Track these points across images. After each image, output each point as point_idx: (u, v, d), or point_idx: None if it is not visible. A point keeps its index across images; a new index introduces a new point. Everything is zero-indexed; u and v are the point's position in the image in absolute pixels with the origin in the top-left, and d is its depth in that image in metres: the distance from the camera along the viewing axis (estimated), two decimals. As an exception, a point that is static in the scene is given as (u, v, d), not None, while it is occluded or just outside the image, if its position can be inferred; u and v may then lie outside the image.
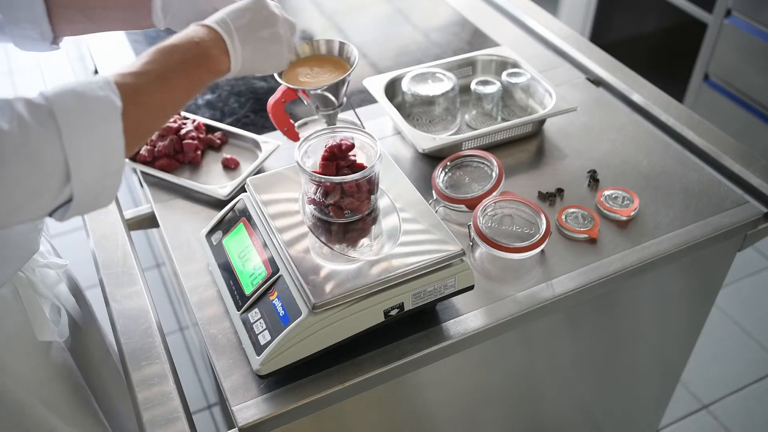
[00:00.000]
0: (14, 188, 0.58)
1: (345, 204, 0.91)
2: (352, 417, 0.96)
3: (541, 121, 1.27)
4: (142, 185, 1.21)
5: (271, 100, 1.12)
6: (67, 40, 1.00)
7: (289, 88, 1.11)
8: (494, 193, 1.07)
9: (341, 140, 0.93)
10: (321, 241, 0.91)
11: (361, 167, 0.93)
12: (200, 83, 0.75)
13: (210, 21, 0.78)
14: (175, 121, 1.22)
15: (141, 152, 1.18)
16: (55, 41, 0.94)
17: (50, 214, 0.65)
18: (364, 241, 0.91)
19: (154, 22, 0.91)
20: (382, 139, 1.27)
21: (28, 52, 0.96)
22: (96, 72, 1.52)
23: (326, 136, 0.96)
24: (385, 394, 0.95)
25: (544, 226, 1.01)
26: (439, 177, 1.12)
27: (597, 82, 1.44)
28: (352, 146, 0.94)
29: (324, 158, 0.93)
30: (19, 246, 0.86)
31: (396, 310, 0.87)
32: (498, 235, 1.01)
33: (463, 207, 1.08)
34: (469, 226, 1.03)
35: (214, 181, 1.16)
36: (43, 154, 0.59)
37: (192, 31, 0.76)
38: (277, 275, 0.89)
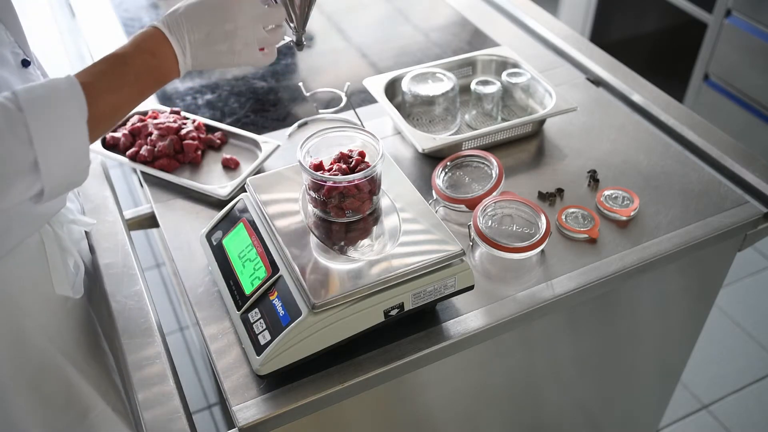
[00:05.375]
0: None
1: (346, 204, 0.91)
2: (352, 417, 0.96)
3: (541, 121, 1.27)
4: (142, 185, 1.21)
5: None
6: (67, 39, 1.01)
7: None
8: (494, 193, 1.07)
9: (350, 150, 0.95)
10: (321, 241, 0.91)
11: (363, 167, 0.93)
12: (150, 92, 0.82)
13: (167, 30, 0.81)
14: (175, 121, 1.22)
15: (141, 152, 1.18)
16: None
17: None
18: (364, 241, 0.91)
19: None
20: (382, 139, 1.27)
21: None
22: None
23: (329, 136, 0.96)
24: (385, 394, 0.95)
25: (544, 226, 1.01)
26: (439, 177, 1.12)
27: (597, 82, 1.44)
28: (362, 154, 0.95)
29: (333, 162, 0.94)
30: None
31: (396, 310, 0.87)
32: (498, 235, 1.01)
33: (463, 207, 1.08)
34: (469, 226, 1.03)
35: (214, 181, 1.16)
36: (15, 156, 0.68)
37: (147, 39, 0.80)
38: (277, 275, 0.89)
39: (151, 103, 1.32)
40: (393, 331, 0.92)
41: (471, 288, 0.92)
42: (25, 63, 0.84)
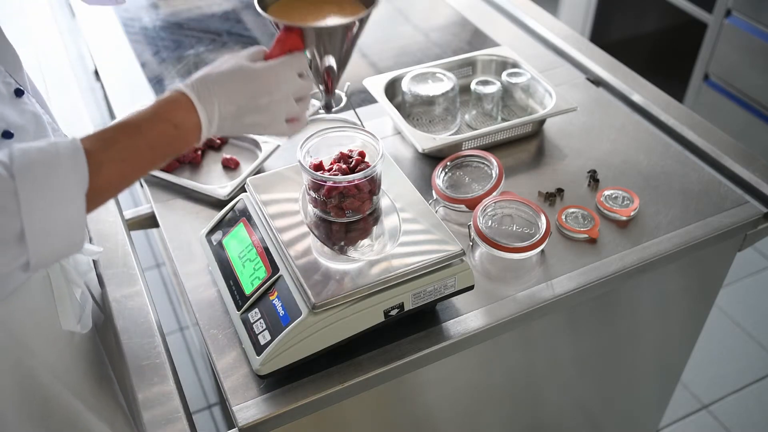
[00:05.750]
0: None
1: (346, 204, 0.91)
2: (352, 417, 0.96)
3: (541, 121, 1.27)
4: (142, 185, 1.21)
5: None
6: (67, 39, 0.99)
7: (285, 33, 0.81)
8: (494, 193, 1.07)
9: (350, 150, 0.95)
10: (321, 241, 0.91)
11: (363, 167, 0.93)
12: (164, 162, 0.75)
13: (196, 99, 0.73)
14: (175, 121, 1.22)
15: (141, 152, 1.17)
16: None
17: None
18: (364, 241, 0.91)
19: None
20: (382, 139, 1.27)
21: (93, 5, 0.91)
22: (96, 72, 1.52)
23: (329, 136, 0.96)
24: (385, 394, 0.95)
25: (544, 226, 1.01)
26: (439, 177, 1.12)
27: (597, 82, 1.44)
28: (362, 154, 0.95)
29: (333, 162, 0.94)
30: None
31: (396, 310, 0.87)
32: (498, 235, 1.01)
33: (463, 207, 1.08)
34: (469, 226, 1.03)
35: (214, 181, 1.16)
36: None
37: (171, 106, 0.73)
38: (277, 275, 0.89)
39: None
40: (393, 331, 0.92)
41: (471, 288, 0.92)
42: (19, 92, 0.81)
